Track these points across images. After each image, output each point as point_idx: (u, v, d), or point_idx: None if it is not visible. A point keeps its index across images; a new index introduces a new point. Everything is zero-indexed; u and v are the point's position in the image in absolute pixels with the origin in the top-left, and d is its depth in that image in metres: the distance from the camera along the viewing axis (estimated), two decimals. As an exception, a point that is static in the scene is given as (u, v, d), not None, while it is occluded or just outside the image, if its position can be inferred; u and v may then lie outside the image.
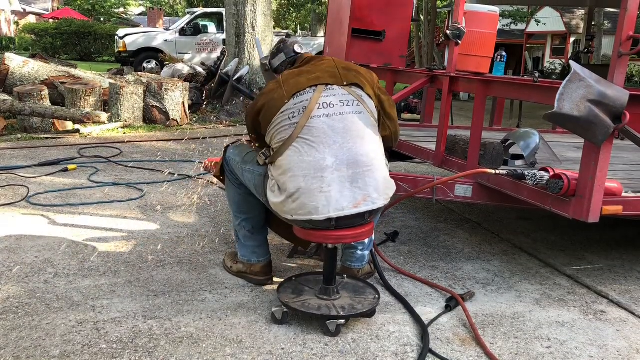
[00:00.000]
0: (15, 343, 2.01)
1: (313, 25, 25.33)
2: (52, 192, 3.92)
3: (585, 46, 14.44)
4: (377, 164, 2.18)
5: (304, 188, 2.09)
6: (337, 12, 4.43)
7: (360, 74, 2.30)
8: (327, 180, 2.09)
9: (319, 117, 2.14)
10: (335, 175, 2.09)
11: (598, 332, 2.34)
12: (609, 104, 2.15)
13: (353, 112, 2.18)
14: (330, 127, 2.13)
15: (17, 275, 2.57)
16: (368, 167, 2.13)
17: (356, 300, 2.31)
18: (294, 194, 2.11)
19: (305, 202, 2.10)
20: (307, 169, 2.10)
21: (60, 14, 29.62)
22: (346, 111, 2.17)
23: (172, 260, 2.83)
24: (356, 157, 2.12)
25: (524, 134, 3.16)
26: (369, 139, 2.18)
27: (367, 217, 2.18)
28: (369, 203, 2.13)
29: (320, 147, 2.11)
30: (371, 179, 2.13)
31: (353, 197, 2.10)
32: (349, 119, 2.16)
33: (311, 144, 2.12)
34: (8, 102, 6.09)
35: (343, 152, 2.12)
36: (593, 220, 2.30)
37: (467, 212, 4.02)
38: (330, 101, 2.17)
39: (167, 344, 2.06)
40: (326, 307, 2.24)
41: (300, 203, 2.10)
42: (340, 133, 2.13)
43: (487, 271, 2.92)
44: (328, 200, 2.08)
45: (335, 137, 2.12)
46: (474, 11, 3.78)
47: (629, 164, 3.58)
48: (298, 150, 2.13)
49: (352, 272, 2.62)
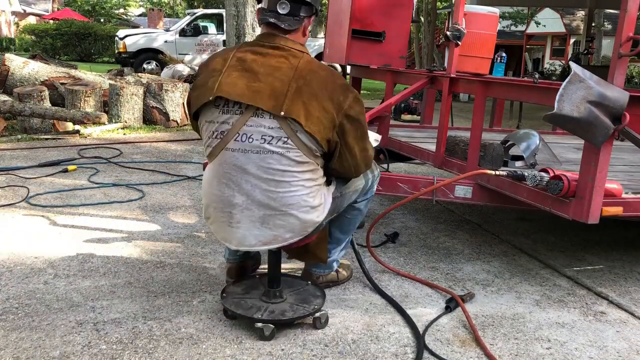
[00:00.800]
0: (15, 344, 2.01)
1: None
2: (52, 193, 3.92)
3: (585, 47, 14.46)
4: (293, 210, 1.99)
5: (213, 218, 2.09)
6: (337, 13, 4.43)
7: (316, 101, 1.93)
8: (235, 217, 2.01)
9: (234, 151, 1.96)
10: (244, 214, 1.99)
11: (598, 333, 2.34)
12: (608, 105, 2.15)
13: (273, 152, 1.94)
14: (243, 164, 1.96)
15: (17, 276, 2.57)
16: (281, 212, 1.99)
17: (293, 307, 2.23)
18: (208, 218, 2.14)
19: (217, 229, 2.11)
20: (216, 201, 2.03)
21: (61, 14, 29.66)
22: (266, 149, 1.94)
23: (172, 261, 2.83)
24: (268, 201, 1.97)
25: (524, 135, 3.16)
26: (288, 181, 1.97)
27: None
28: (280, 241, 2.04)
29: (230, 184, 1.99)
30: (284, 222, 2.01)
31: (263, 236, 2.02)
32: (266, 159, 1.94)
33: (221, 179, 2.00)
34: (8, 102, 6.09)
35: (255, 193, 1.97)
36: (593, 222, 2.30)
37: (467, 213, 4.02)
38: (251, 134, 1.93)
39: (167, 344, 2.06)
40: (257, 308, 2.19)
41: (213, 228, 2.13)
42: (254, 173, 1.96)
43: (487, 272, 2.92)
44: (236, 235, 2.05)
45: (248, 177, 1.96)
46: (473, 12, 3.78)
47: (629, 165, 3.58)
48: (209, 179, 2.04)
49: (312, 278, 2.49)
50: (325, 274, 2.53)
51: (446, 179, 2.72)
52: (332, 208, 2.18)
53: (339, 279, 2.61)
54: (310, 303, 2.26)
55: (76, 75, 7.68)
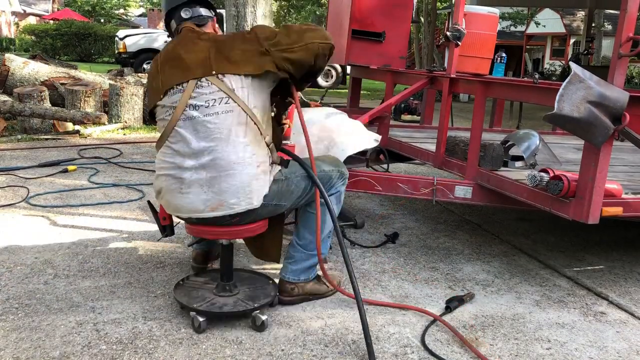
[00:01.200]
0: (15, 344, 2.01)
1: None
2: (52, 193, 3.92)
3: (585, 48, 14.47)
4: (240, 168, 2.08)
5: (164, 189, 2.18)
6: (337, 13, 4.44)
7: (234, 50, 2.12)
8: (186, 182, 2.10)
9: (185, 120, 2.10)
10: (194, 179, 2.09)
11: (598, 334, 2.34)
12: (608, 105, 2.15)
13: (219, 112, 2.08)
14: (194, 131, 2.08)
15: (17, 276, 2.57)
16: (226, 172, 2.07)
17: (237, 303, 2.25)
18: (159, 192, 2.22)
19: (168, 200, 2.19)
20: (169, 169, 2.14)
21: (61, 15, 29.68)
22: (211, 112, 2.08)
23: (171, 262, 2.83)
24: (215, 161, 2.07)
25: (524, 135, 3.17)
26: (234, 140, 2.08)
27: (232, 219, 2.15)
28: (226, 208, 2.10)
29: (182, 151, 2.11)
30: (229, 185, 2.07)
31: (210, 200, 2.09)
32: (212, 121, 2.08)
33: (174, 147, 2.12)
34: (8, 103, 6.09)
35: (204, 155, 2.08)
36: (593, 222, 2.30)
37: (467, 214, 4.02)
38: (196, 103, 2.09)
39: (167, 344, 2.06)
40: (202, 299, 2.25)
41: (164, 201, 2.22)
42: (203, 137, 2.07)
43: (487, 272, 2.92)
44: (186, 202, 2.12)
45: (198, 142, 2.08)
46: (473, 12, 3.78)
47: (629, 165, 3.58)
48: (163, 151, 2.17)
49: (284, 285, 2.41)
50: (297, 282, 2.40)
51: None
52: (277, 189, 2.20)
53: (320, 291, 2.46)
54: (256, 301, 2.26)
55: (76, 76, 7.68)
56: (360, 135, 2.97)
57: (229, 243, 2.29)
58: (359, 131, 3.00)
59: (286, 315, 2.32)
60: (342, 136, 2.89)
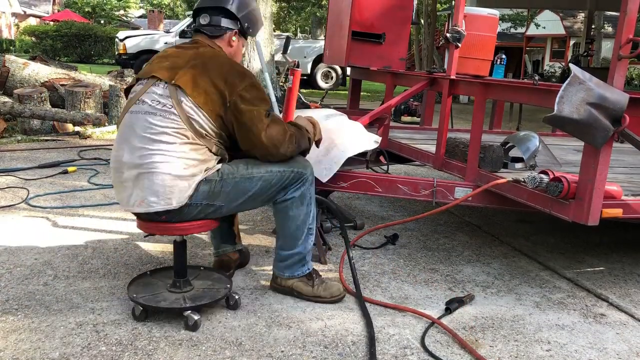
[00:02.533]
0: (15, 345, 2.01)
1: (313, 28, 25.38)
2: (52, 194, 3.92)
3: (585, 49, 14.48)
4: (162, 168, 2.09)
5: (113, 179, 2.25)
6: (337, 15, 4.44)
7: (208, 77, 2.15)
8: (124, 176, 2.17)
9: (131, 113, 2.18)
10: (129, 173, 2.15)
11: (598, 335, 2.34)
12: (608, 107, 2.15)
13: (156, 114, 2.13)
14: (132, 125, 2.16)
15: (16, 277, 2.57)
16: (149, 170, 2.11)
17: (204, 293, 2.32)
18: (113, 183, 2.27)
19: (115, 191, 2.27)
20: (114, 161, 2.22)
21: (61, 16, 29.69)
22: (150, 111, 2.14)
23: (171, 263, 2.82)
24: (141, 160, 2.12)
25: (523, 137, 3.17)
26: (161, 141, 2.10)
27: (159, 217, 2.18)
28: (145, 205, 2.14)
29: (122, 144, 2.18)
30: (150, 182, 2.11)
31: (137, 196, 2.15)
32: (149, 119, 2.13)
33: (118, 140, 2.21)
34: (8, 104, 6.09)
35: (135, 151, 2.13)
36: (593, 223, 2.30)
37: (466, 215, 4.02)
38: (144, 99, 2.17)
39: (166, 346, 2.06)
40: (176, 300, 2.27)
41: (114, 191, 2.29)
42: (137, 134, 2.14)
43: (487, 274, 2.92)
44: (125, 195, 2.19)
45: (134, 138, 2.14)
46: (473, 14, 3.79)
47: (629, 167, 3.58)
48: (114, 143, 2.25)
49: (273, 274, 2.54)
50: (284, 277, 2.50)
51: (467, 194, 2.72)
52: (208, 189, 2.18)
53: (303, 291, 2.46)
54: (197, 301, 2.26)
55: (76, 77, 7.68)
56: (360, 136, 2.98)
57: (182, 240, 2.32)
58: (359, 133, 3.01)
59: (286, 316, 2.32)
60: (342, 138, 2.89)
